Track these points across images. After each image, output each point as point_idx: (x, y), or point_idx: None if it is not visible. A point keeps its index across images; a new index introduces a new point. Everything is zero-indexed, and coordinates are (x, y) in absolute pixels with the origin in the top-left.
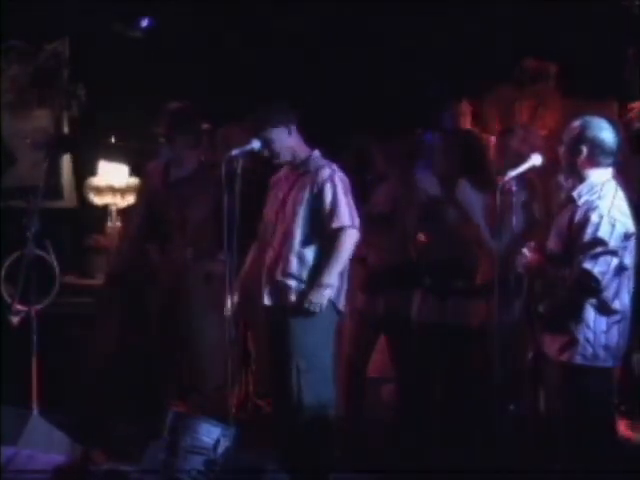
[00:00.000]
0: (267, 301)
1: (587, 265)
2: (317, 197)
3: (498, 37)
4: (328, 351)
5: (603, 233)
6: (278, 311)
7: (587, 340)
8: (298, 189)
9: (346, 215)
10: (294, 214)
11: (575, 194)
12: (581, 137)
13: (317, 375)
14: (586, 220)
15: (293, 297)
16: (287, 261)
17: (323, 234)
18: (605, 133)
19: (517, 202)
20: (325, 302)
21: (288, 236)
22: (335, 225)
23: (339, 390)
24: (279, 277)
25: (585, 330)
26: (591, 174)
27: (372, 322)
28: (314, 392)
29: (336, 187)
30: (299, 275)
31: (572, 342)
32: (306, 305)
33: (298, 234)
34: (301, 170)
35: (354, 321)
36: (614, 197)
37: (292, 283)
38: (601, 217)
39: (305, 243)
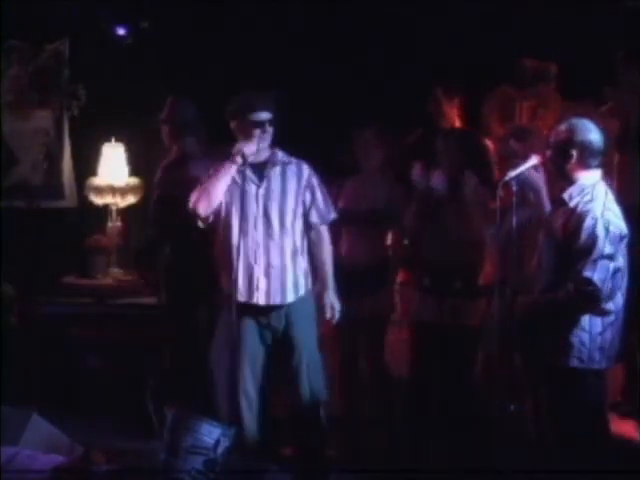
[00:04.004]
0: (273, 300)
1: (587, 273)
2: (306, 189)
3: (498, 37)
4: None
5: (598, 238)
6: (281, 309)
7: (582, 343)
8: (281, 182)
9: (331, 207)
10: (285, 207)
11: (566, 196)
12: (570, 140)
13: (320, 369)
14: (580, 224)
15: (302, 291)
16: (293, 256)
17: (308, 224)
18: (593, 135)
19: (517, 202)
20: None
21: (284, 230)
22: (329, 217)
23: (337, 391)
24: (287, 274)
25: (580, 333)
26: (581, 176)
27: (348, 320)
28: (319, 387)
29: (318, 179)
30: (306, 269)
31: (567, 346)
32: (335, 314)
33: (296, 227)
34: (277, 162)
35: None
36: (605, 199)
37: (301, 279)
38: (595, 220)
39: (301, 236)
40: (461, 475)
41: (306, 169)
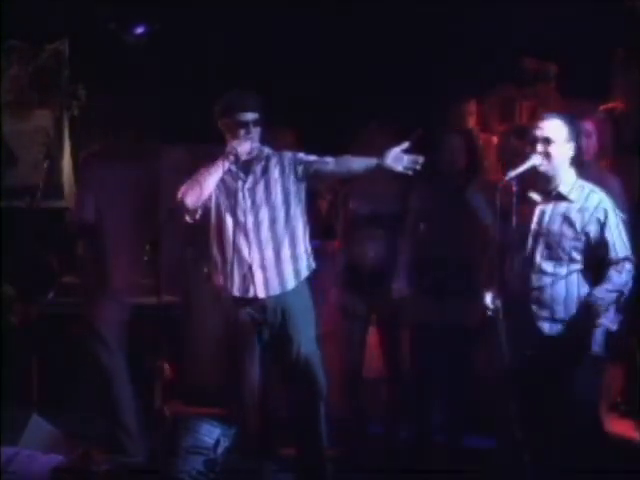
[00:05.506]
0: (273, 291)
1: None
2: (294, 166)
3: (498, 37)
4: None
5: (620, 221)
6: (277, 303)
7: (609, 330)
8: (266, 174)
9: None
10: (274, 199)
11: (563, 191)
12: (575, 134)
13: (318, 364)
14: (599, 211)
15: (304, 273)
16: (291, 244)
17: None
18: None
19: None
20: None
21: (277, 221)
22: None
23: (338, 391)
24: (285, 263)
25: (608, 320)
26: (571, 170)
27: (358, 319)
28: (319, 382)
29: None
30: (308, 251)
31: (597, 334)
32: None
33: (290, 216)
34: (262, 158)
35: (342, 320)
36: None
37: (302, 264)
38: (612, 206)
39: (301, 223)
40: (461, 475)
41: (287, 154)
